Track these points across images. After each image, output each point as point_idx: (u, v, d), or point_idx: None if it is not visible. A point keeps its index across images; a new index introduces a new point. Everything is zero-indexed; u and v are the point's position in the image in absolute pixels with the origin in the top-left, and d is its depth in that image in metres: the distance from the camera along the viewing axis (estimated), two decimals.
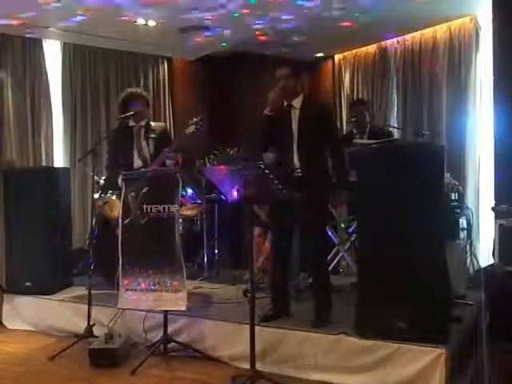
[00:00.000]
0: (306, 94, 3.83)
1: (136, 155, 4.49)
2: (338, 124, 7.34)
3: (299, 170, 3.64)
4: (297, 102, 3.71)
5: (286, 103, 3.72)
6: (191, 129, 4.27)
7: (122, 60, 6.80)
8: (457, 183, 4.17)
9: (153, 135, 4.52)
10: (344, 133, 5.59)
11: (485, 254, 5.12)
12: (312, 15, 5.60)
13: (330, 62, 7.64)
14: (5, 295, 4.95)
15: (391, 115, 6.73)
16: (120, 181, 4.31)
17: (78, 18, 5.46)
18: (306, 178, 3.60)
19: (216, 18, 5.59)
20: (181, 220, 4.05)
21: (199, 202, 5.26)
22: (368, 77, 7.11)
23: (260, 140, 3.83)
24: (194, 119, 4.29)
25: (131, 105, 4.52)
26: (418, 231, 3.08)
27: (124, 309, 4.04)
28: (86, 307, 4.11)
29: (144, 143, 4.50)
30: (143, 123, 4.56)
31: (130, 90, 4.81)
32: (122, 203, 3.97)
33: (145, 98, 4.65)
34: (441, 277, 3.08)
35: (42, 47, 6.15)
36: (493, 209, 3.90)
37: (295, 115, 3.69)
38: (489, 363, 2.98)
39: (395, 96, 6.78)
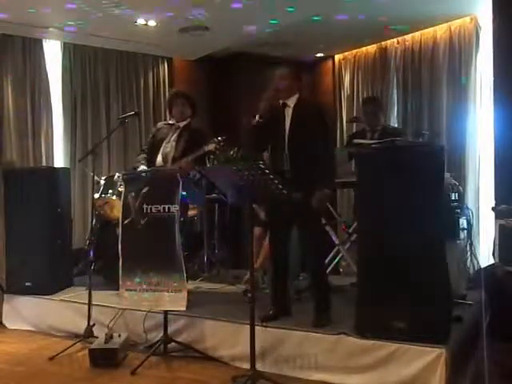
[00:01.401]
0: (303, 94, 3.80)
1: (160, 152, 4.31)
2: (338, 124, 7.37)
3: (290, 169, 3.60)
4: (291, 101, 3.70)
5: (281, 102, 3.71)
6: (211, 146, 4.11)
7: (122, 60, 6.80)
8: (457, 183, 4.17)
9: (185, 137, 4.28)
10: (356, 131, 5.53)
11: (485, 253, 5.12)
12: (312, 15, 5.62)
13: (330, 62, 7.64)
14: (5, 295, 4.94)
15: (391, 115, 6.73)
16: (116, 178, 4.28)
17: (79, 18, 5.48)
18: (297, 177, 3.56)
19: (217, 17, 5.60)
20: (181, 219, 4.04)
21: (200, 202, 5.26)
22: (368, 77, 7.11)
23: (253, 147, 3.83)
24: (218, 138, 4.12)
25: (173, 104, 4.39)
26: (418, 231, 3.07)
27: (124, 309, 4.04)
28: (86, 307, 4.11)
29: (173, 144, 4.28)
30: (181, 124, 4.35)
31: (174, 89, 4.59)
32: (122, 203, 3.97)
33: (187, 98, 4.41)
34: (441, 277, 3.08)
35: (42, 47, 6.16)
36: (493, 209, 3.90)
37: (288, 114, 3.68)
38: (489, 363, 2.98)
39: (395, 96, 6.78)
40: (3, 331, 4.77)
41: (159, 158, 4.30)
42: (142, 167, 4.28)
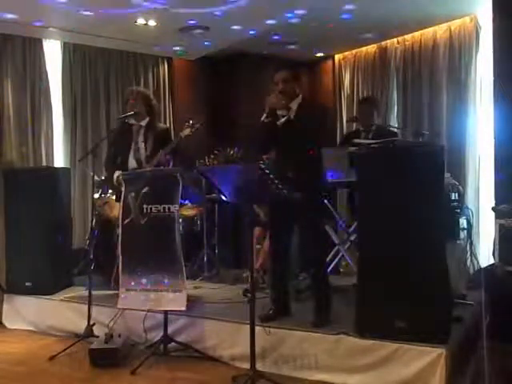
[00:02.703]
0: (305, 96, 3.81)
1: (131, 155, 4.39)
2: (338, 124, 7.36)
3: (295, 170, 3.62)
4: (294, 104, 3.70)
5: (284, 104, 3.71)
6: (187, 131, 4.24)
7: (122, 60, 6.80)
8: (457, 183, 4.17)
9: (152, 136, 4.38)
10: (351, 130, 5.54)
11: (485, 254, 5.11)
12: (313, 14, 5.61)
13: (330, 62, 7.64)
14: (5, 295, 4.95)
15: (391, 115, 6.73)
16: (115, 180, 4.32)
17: (79, 17, 5.47)
18: (302, 177, 3.58)
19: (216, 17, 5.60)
20: (181, 220, 4.04)
21: (199, 201, 5.26)
22: (368, 77, 7.11)
23: (259, 146, 3.84)
24: (190, 122, 4.26)
25: (128, 102, 4.46)
26: (418, 231, 3.08)
27: (124, 309, 4.04)
28: (86, 307, 4.11)
29: (142, 144, 4.39)
30: (143, 123, 4.45)
31: (130, 87, 4.74)
32: (121, 203, 3.97)
33: (143, 97, 4.48)
34: (441, 277, 3.08)
35: (42, 47, 6.16)
36: (493, 209, 3.90)
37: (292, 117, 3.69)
38: (489, 363, 2.98)
39: (395, 96, 6.78)
40: (3, 331, 4.78)
41: (132, 162, 4.37)
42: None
